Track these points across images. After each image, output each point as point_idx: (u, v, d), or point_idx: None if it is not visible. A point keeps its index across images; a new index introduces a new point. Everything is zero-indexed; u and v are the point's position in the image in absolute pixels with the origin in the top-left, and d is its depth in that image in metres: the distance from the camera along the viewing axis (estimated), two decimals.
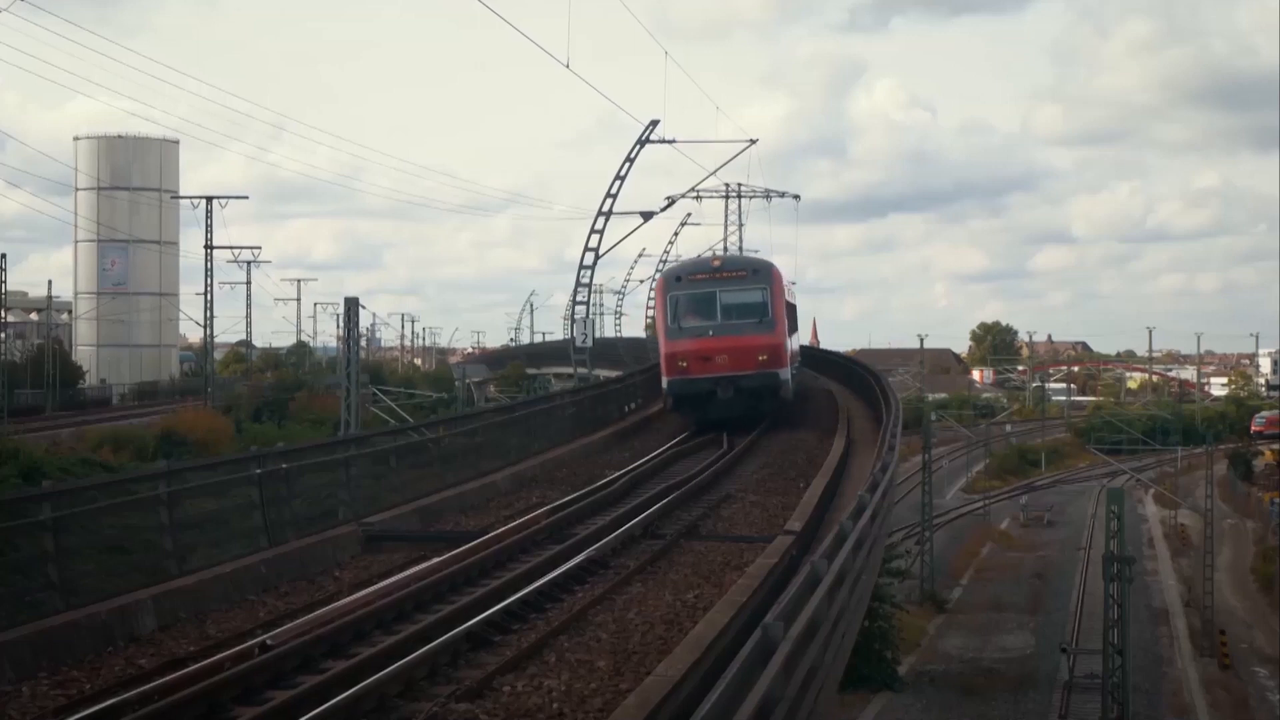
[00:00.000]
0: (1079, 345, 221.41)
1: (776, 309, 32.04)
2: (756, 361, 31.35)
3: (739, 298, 32.14)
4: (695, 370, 31.38)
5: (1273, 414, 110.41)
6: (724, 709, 7.16)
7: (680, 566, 16.43)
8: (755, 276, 32.73)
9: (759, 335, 31.61)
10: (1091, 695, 40.29)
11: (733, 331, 31.72)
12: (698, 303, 32.14)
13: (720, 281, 32.32)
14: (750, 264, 35.11)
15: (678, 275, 33.63)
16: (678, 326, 31.98)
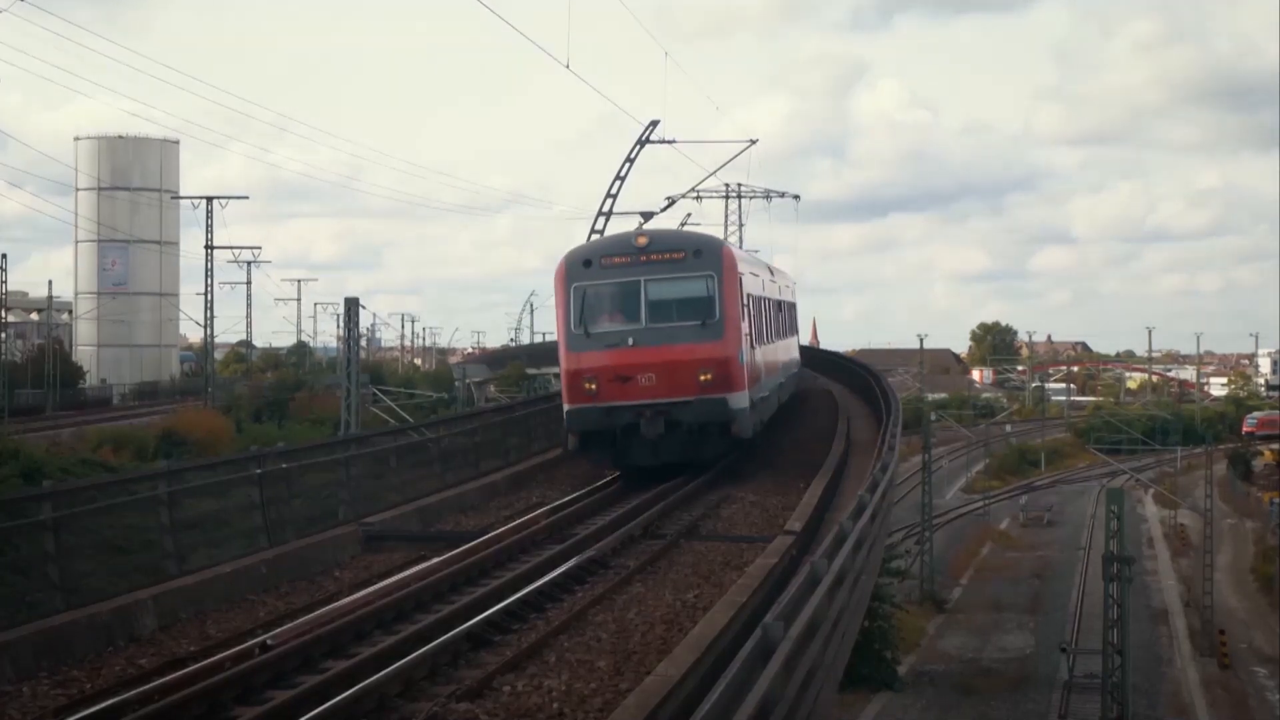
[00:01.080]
0: (1079, 345, 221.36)
1: (728, 305, 22.88)
2: (697, 383, 22.42)
3: (674, 289, 23.12)
4: (608, 395, 22.50)
5: (1264, 415, 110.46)
6: (724, 709, 7.17)
7: (680, 566, 16.45)
8: (698, 259, 23.16)
9: (702, 344, 22.63)
10: (1091, 695, 40.30)
11: (664, 338, 22.63)
12: (613, 297, 23.15)
13: (647, 266, 22.95)
14: (691, 241, 24.33)
15: (585, 259, 23.37)
16: (584, 332, 22.69)
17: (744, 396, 23.02)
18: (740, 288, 23.48)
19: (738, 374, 22.87)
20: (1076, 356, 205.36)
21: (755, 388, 24.46)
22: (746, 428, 23.28)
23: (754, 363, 24.68)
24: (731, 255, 24.06)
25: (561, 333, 23.27)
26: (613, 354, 22.65)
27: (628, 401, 22.54)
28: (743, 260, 25.78)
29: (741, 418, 22.93)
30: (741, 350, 23.09)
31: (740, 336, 23.11)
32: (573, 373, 22.93)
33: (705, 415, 22.55)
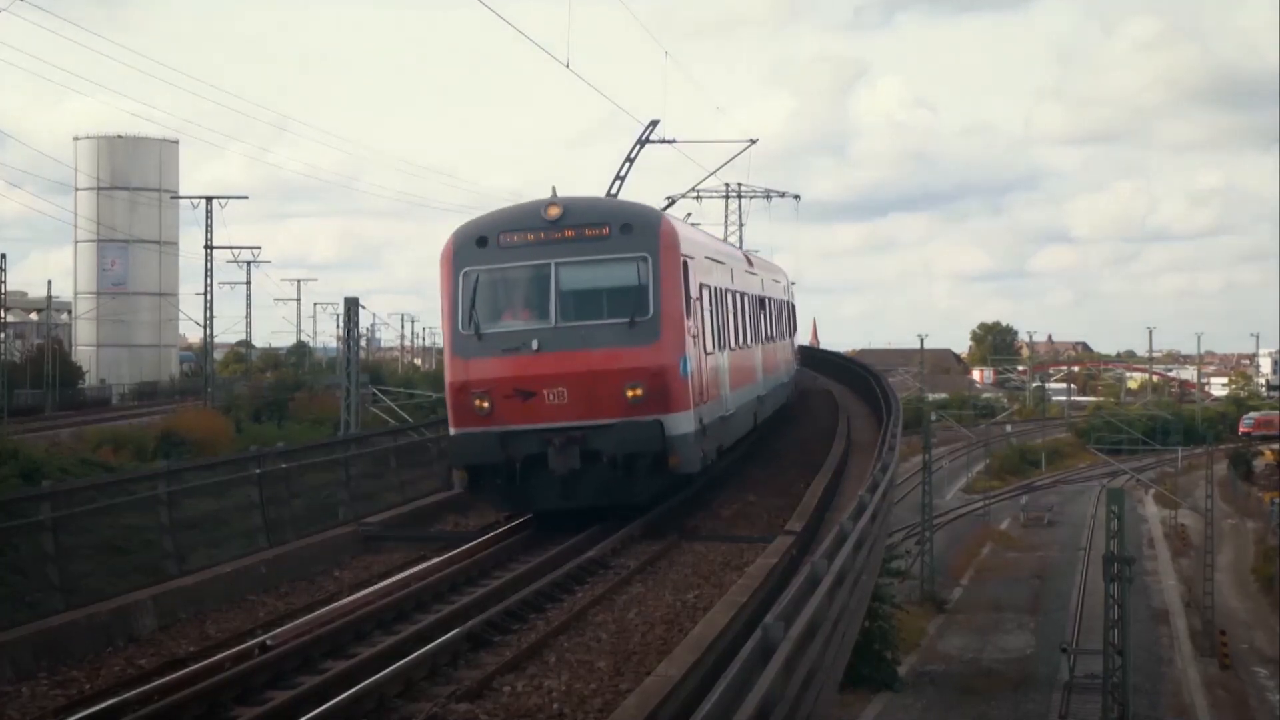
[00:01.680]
0: (1079, 345, 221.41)
1: (668, 297, 17.84)
2: (623, 401, 17.48)
3: (595, 276, 18.16)
4: (505, 417, 17.57)
5: (1262, 415, 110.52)
6: (724, 709, 7.16)
7: (680, 567, 16.43)
8: (628, 236, 17.99)
9: (631, 349, 17.64)
10: (1092, 695, 40.30)
11: (580, 341, 17.66)
12: (514, 287, 18.29)
13: (560, 246, 18.00)
14: (619, 213, 18.79)
15: (480, 236, 18.21)
16: (474, 333, 17.81)
17: (688, 418, 17.85)
18: (687, 275, 18.43)
19: (678, 389, 17.70)
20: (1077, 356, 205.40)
21: (710, 405, 19.41)
22: (690, 459, 17.90)
23: (709, 373, 19.57)
24: (674, 232, 18.39)
25: (447, 334, 18.16)
26: (511, 362, 17.59)
27: (531, 425, 17.45)
28: (692, 240, 20.09)
29: (683, 447, 17.67)
30: (686, 357, 17.91)
31: (684, 339, 17.94)
32: (458, 386, 17.75)
33: (633, 444, 17.27)
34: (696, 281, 19.18)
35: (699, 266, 19.57)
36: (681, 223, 20.77)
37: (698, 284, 19.28)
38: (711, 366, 19.99)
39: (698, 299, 19.19)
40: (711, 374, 19.91)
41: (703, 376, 18.96)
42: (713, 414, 19.61)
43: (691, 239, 20.21)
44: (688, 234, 20.23)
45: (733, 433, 22.02)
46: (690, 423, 17.98)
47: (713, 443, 19.65)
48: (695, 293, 19.04)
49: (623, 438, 17.37)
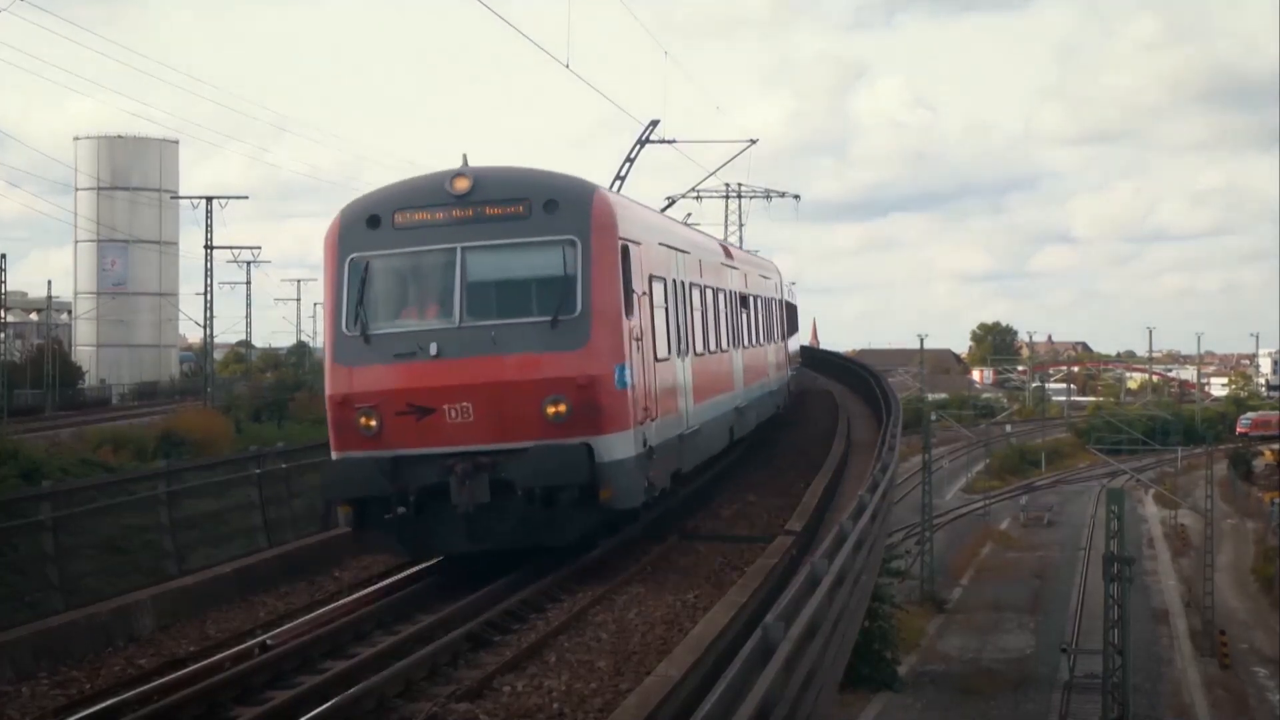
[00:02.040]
0: (1079, 345, 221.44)
1: (601, 289, 14.84)
2: (541, 419, 14.47)
3: (509, 263, 15.09)
4: (396, 439, 14.58)
5: (1259, 415, 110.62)
6: (724, 709, 7.16)
7: (680, 567, 16.42)
8: (552, 215, 14.95)
9: (553, 354, 14.63)
10: (1092, 695, 40.33)
11: (490, 345, 14.63)
12: (411, 277, 15.35)
13: (468, 227, 14.99)
14: (541, 186, 15.30)
15: (371, 215, 15.21)
16: (361, 334, 14.84)
17: (625, 440, 14.78)
18: (628, 264, 15.28)
19: (613, 403, 14.61)
20: (1077, 356, 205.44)
21: (662, 423, 16.35)
22: (628, 491, 14.87)
23: (660, 383, 16.44)
24: (610, 211, 15.21)
25: (328, 335, 15.14)
26: (404, 370, 14.56)
27: (428, 449, 14.40)
28: (638, 222, 16.71)
29: (618, 476, 14.57)
30: (624, 365, 14.81)
31: (622, 343, 14.84)
32: (339, 400, 14.68)
33: (553, 472, 14.18)
34: (643, 272, 16.09)
35: (647, 254, 16.45)
36: (625, 199, 17.12)
37: (645, 275, 16.18)
38: (665, 375, 16.82)
39: (645, 294, 16.01)
40: (665, 384, 16.77)
41: (650, 387, 15.80)
42: (665, 433, 16.52)
43: (637, 220, 16.74)
44: (631, 213, 16.61)
45: (698, 453, 18.98)
46: (629, 445, 14.84)
47: (664, 468, 16.49)
48: (641, 286, 15.90)
49: (540, 465, 14.14)
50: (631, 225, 16.02)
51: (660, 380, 16.50)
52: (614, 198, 16.18)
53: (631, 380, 15.07)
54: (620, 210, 15.80)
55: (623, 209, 16.07)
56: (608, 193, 16.02)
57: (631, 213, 16.79)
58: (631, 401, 15.01)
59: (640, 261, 15.98)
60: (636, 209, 17.64)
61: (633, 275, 15.48)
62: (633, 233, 15.86)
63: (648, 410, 15.62)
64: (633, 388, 15.08)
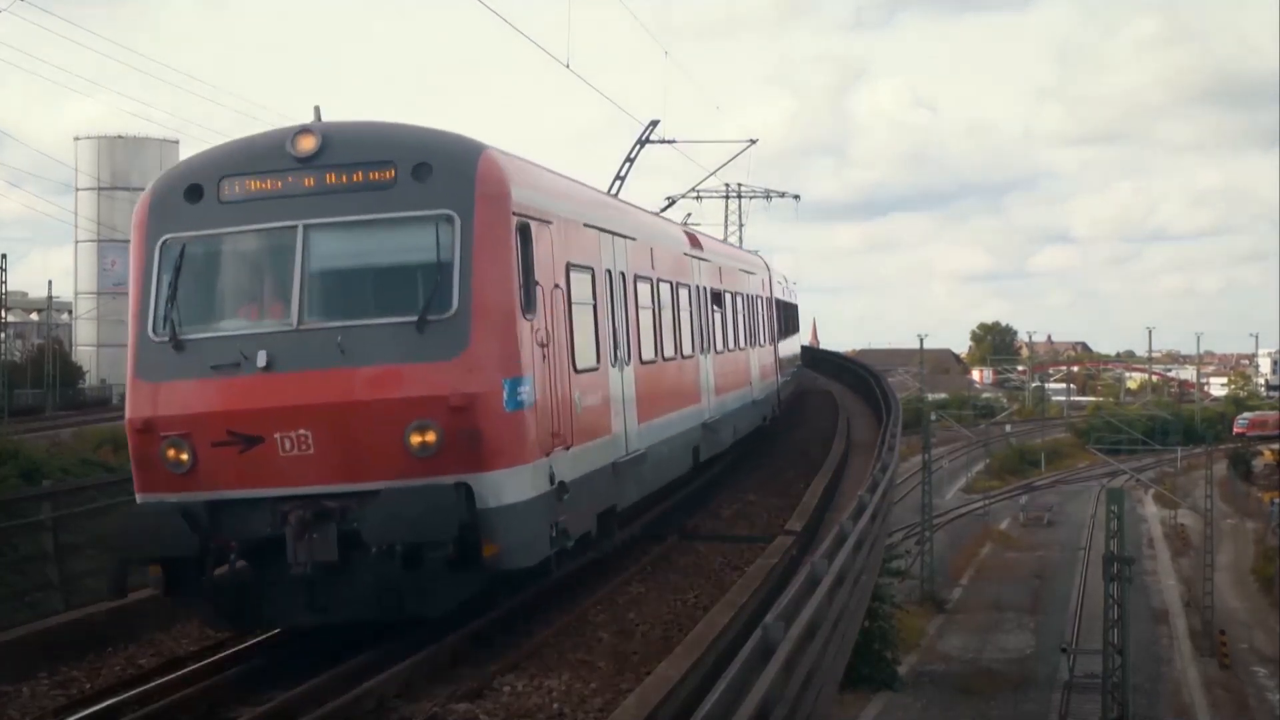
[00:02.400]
0: (1079, 345, 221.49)
1: (489, 279, 11.51)
2: (403, 452, 11.12)
3: (365, 247, 11.81)
4: (214, 477, 11.31)
5: (1256, 415, 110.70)
6: (724, 709, 7.16)
7: (680, 567, 16.42)
8: (424, 182, 11.59)
9: (421, 364, 11.26)
10: (1091, 695, 40.35)
11: (336, 355, 11.23)
12: (236, 264, 12.10)
13: (314, 198, 11.66)
14: (410, 147, 11.75)
15: (192, 184, 11.91)
16: (170, 339, 11.60)
17: (520, 477, 11.44)
18: (530, 247, 12.00)
19: (503, 430, 11.27)
20: (1076, 356, 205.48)
21: (582, 452, 13.15)
22: (525, 546, 11.61)
23: (582, 400, 13.27)
24: (502, 178, 11.81)
25: (132, 340, 11.73)
26: (224, 386, 11.26)
27: (255, 491, 11.16)
28: (545, 192, 13.18)
29: (509, 525, 11.24)
30: (521, 379, 11.51)
31: (517, 349, 11.51)
32: (141, 427, 11.40)
33: (414, 524, 10.70)
34: (556, 259, 12.89)
35: (564, 237, 13.22)
36: (530, 164, 13.25)
37: (559, 263, 12.98)
38: (591, 390, 13.72)
39: (558, 287, 12.83)
40: (590, 401, 13.64)
41: (564, 406, 12.58)
42: (589, 462, 13.33)
43: (546, 191, 13.20)
44: (538, 182, 13.06)
45: (643, 483, 15.85)
46: (525, 484, 11.48)
47: (586, 507, 13.27)
48: (553, 276, 12.68)
49: (394, 514, 10.63)
50: (537, 197, 12.59)
51: (584, 396, 13.31)
52: (511, 161, 12.42)
53: (532, 398, 11.64)
54: (519, 177, 12.24)
55: (523, 176, 12.50)
56: (502, 154, 12.26)
57: (538, 181, 13.14)
58: (531, 426, 11.59)
59: (551, 245, 12.70)
60: (548, 178, 13.74)
61: (537, 262, 12.09)
62: (539, 207, 12.49)
63: (559, 436, 12.29)
64: (534, 408, 11.66)
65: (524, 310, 11.76)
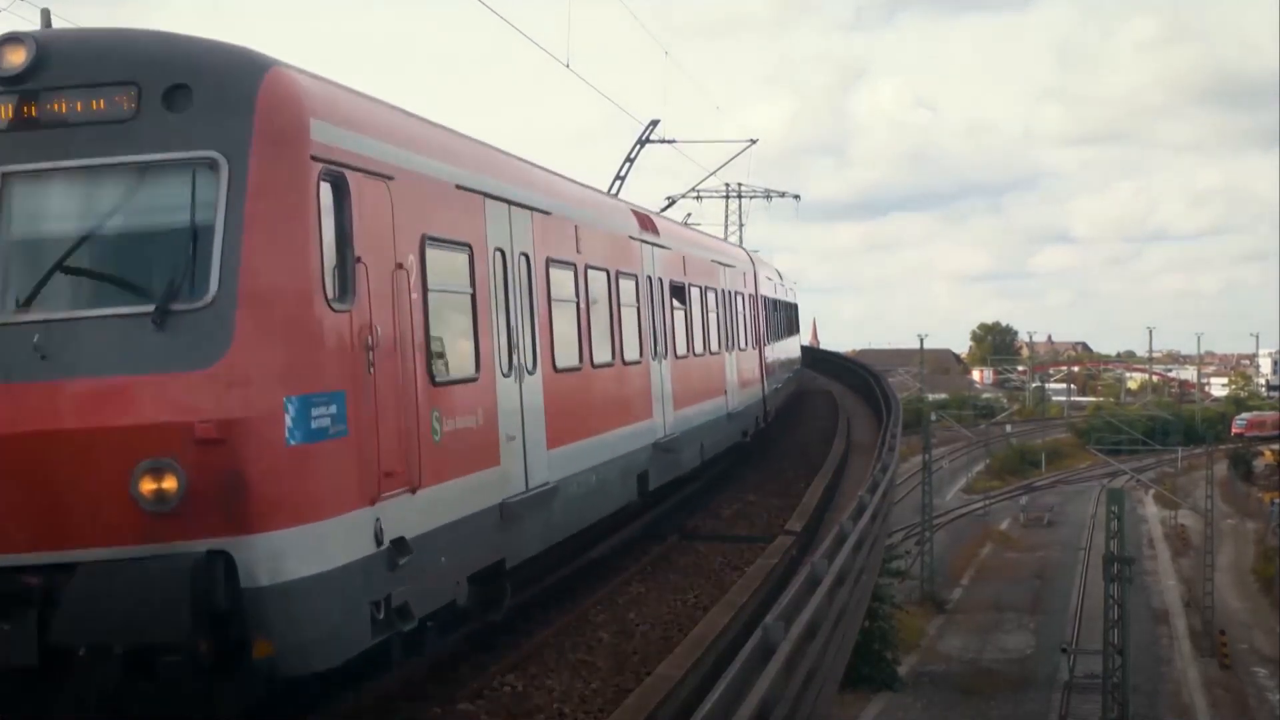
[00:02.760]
0: (1079, 345, 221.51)
1: (267, 245, 7.96)
2: (131, 505, 7.51)
3: (91, 204, 8.14)
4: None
5: (1254, 415, 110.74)
6: (724, 709, 7.18)
7: (680, 567, 16.44)
8: (178, 111, 8.05)
9: (156, 376, 7.66)
10: (1092, 695, 40.36)
11: (42, 363, 7.70)
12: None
13: (24, 134, 8.11)
14: (154, 61, 8.17)
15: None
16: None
17: (320, 539, 8.11)
18: (347, 205, 8.77)
19: (290, 471, 7.98)
20: (1077, 356, 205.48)
21: (446, 491, 9.94)
22: (328, 641, 8.25)
23: (448, 425, 10.06)
24: (297, 105, 8.55)
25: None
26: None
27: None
28: (383, 131, 9.80)
29: (294, 611, 7.89)
30: (320, 396, 8.22)
31: (319, 353, 8.29)
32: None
33: (132, 617, 7.41)
34: (401, 228, 9.45)
35: (412, 197, 9.74)
36: (352, 94, 9.67)
37: (407, 234, 9.55)
38: (460, 409, 10.30)
39: (401, 267, 9.36)
40: (461, 424, 10.29)
41: (405, 433, 9.15)
42: (452, 509, 10.01)
43: (378, 130, 9.59)
44: (360, 116, 9.47)
45: (551, 526, 12.63)
46: (329, 548, 8.15)
47: (447, 569, 9.94)
48: (392, 252, 9.27)
49: (98, 601, 7.45)
50: (364, 141, 9.14)
51: (448, 418, 9.94)
52: (320, 85, 9.01)
53: (342, 424, 8.30)
54: (329, 108, 8.82)
55: (339, 108, 9.04)
56: (305, 75, 8.88)
57: (367, 119, 9.55)
58: (339, 464, 8.28)
59: (391, 208, 9.26)
60: (387, 115, 10.09)
61: (360, 230, 8.72)
62: (367, 154, 9.08)
63: (395, 475, 8.88)
64: (348, 438, 8.36)
65: (332, 297, 8.33)
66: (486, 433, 10.90)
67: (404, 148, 9.84)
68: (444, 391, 9.98)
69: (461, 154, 11.37)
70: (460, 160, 11.17)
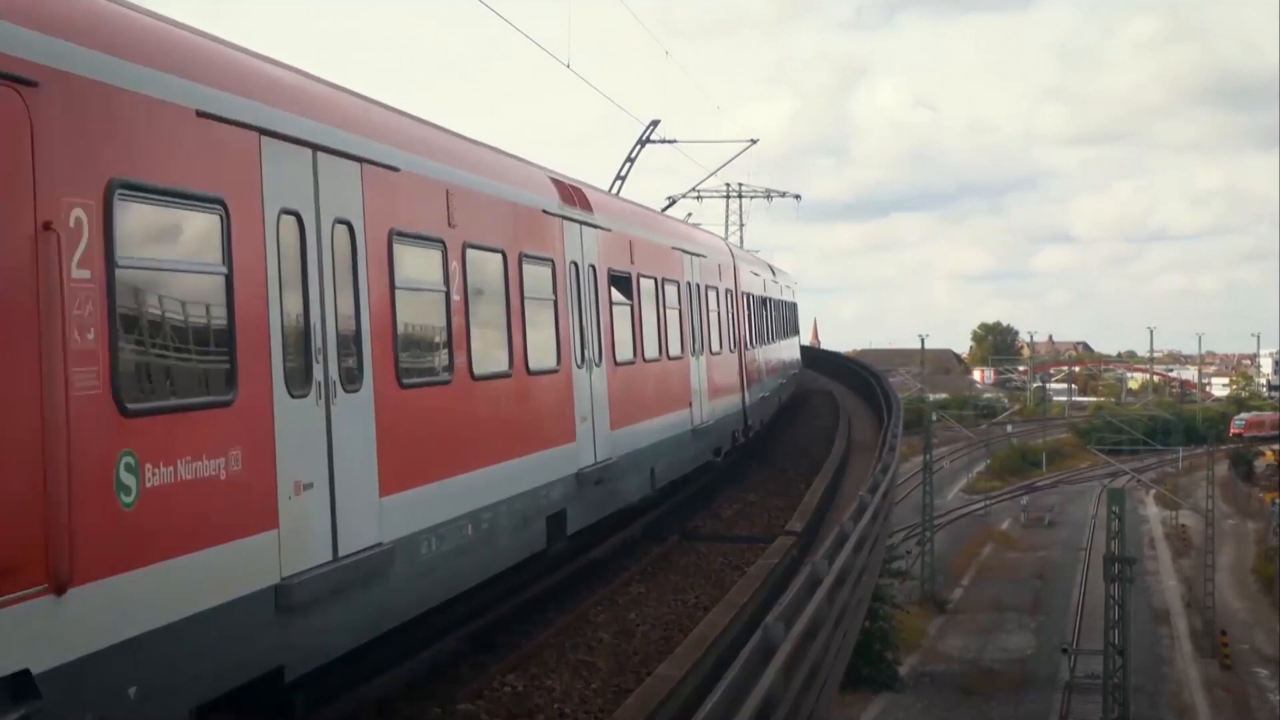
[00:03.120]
0: (1080, 345, 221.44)
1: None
2: None
3: None
4: None
5: (1253, 415, 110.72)
6: (725, 710, 7.16)
7: (681, 567, 16.43)
8: None
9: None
10: (1092, 695, 40.33)
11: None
12: None
13: None
14: None
15: None
16: None
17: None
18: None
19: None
20: (1078, 356, 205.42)
21: (93, 595, 6.19)
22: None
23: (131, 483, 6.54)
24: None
25: None
26: None
27: None
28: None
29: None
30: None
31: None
32: None
33: None
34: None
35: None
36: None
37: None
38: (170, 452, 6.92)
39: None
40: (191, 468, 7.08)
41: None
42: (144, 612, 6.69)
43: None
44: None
45: (391, 606, 9.47)
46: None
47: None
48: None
49: None
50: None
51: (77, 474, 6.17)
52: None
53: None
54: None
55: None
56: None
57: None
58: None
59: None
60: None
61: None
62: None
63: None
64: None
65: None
66: (250, 475, 7.61)
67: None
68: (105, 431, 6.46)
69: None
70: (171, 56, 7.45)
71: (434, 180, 10.71)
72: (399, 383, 9.60)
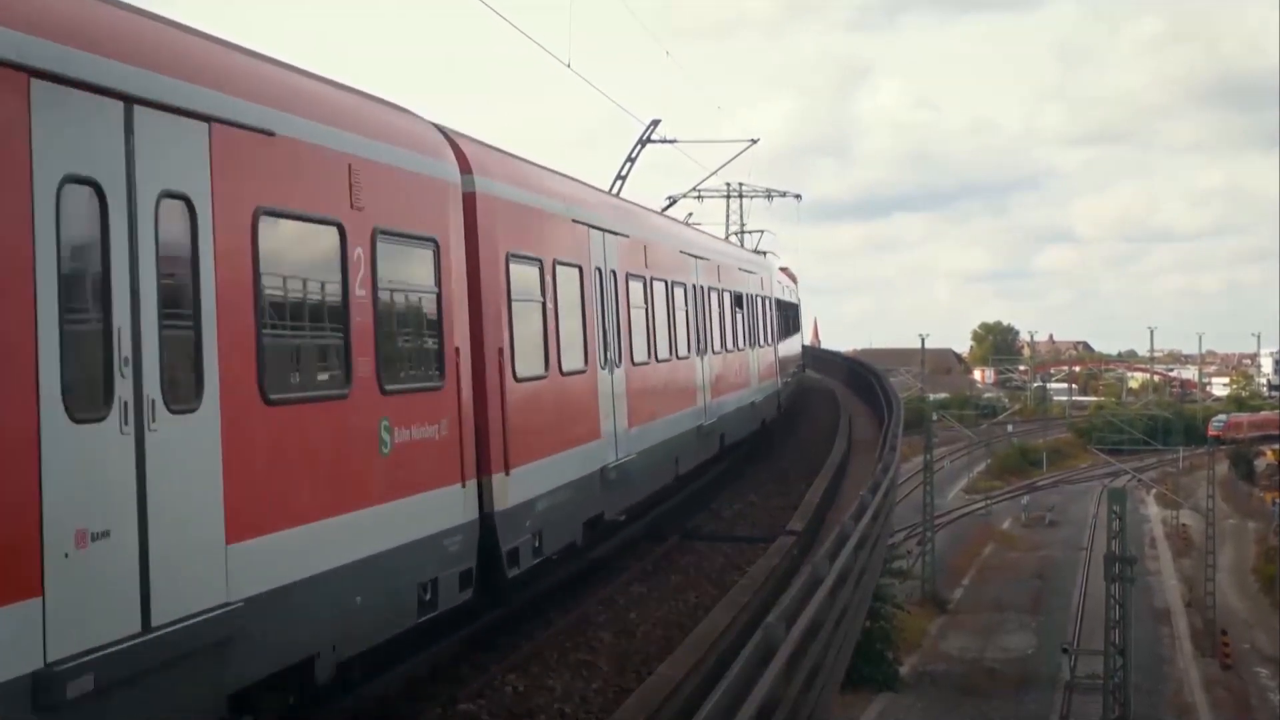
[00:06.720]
0: (1080, 345, 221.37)
1: None
2: None
3: None
4: None
5: (1232, 417, 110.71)
6: (726, 709, 7.16)
7: (682, 567, 16.43)
8: None
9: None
10: (1093, 695, 40.32)
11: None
12: None
13: None
14: None
15: None
16: None
17: None
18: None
19: None
20: (1078, 356, 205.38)
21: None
22: None
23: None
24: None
25: None
26: None
27: None
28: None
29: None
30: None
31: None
32: None
33: None
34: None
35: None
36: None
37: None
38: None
39: None
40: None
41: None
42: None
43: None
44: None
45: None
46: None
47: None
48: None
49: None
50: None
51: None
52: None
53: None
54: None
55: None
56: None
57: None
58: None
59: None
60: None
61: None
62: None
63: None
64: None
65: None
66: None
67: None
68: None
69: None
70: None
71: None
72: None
